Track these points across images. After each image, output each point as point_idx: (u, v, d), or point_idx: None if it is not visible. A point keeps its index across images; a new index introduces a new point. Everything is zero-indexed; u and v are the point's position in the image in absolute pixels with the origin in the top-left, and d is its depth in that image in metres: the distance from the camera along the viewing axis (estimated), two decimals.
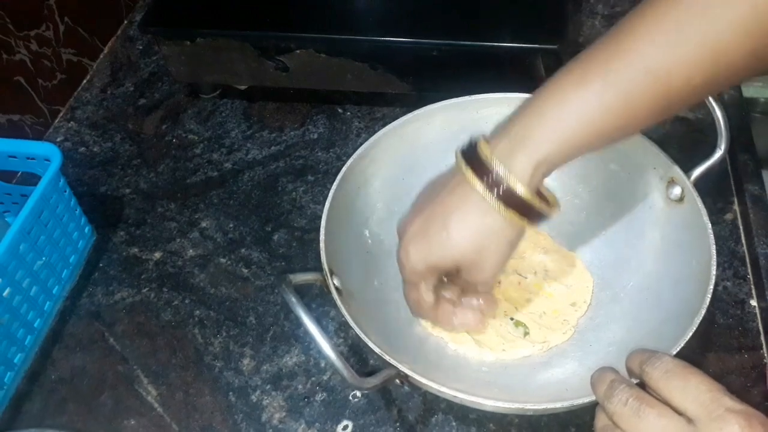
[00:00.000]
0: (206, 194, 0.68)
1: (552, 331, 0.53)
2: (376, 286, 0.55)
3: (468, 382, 0.50)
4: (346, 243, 0.54)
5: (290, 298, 0.42)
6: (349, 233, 0.55)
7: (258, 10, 0.69)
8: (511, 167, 0.42)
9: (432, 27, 0.66)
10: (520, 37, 0.63)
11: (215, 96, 0.78)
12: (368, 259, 0.56)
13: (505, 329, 0.54)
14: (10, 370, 0.55)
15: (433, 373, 0.44)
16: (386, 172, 0.58)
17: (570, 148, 0.42)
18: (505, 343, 0.53)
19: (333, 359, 0.41)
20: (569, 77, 0.42)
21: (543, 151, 0.41)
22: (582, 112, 0.41)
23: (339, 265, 0.50)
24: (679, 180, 0.52)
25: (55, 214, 0.57)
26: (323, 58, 0.68)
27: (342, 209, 0.53)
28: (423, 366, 0.46)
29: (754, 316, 0.55)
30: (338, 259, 0.51)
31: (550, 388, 0.49)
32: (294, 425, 0.52)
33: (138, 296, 0.61)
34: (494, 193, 0.42)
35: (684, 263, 0.49)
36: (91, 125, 0.77)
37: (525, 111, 0.43)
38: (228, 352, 0.57)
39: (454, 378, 0.49)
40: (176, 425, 0.53)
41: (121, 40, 0.87)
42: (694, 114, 0.69)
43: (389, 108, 0.73)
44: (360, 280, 0.53)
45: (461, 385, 0.44)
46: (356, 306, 0.49)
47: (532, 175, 0.42)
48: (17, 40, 0.71)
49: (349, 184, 0.55)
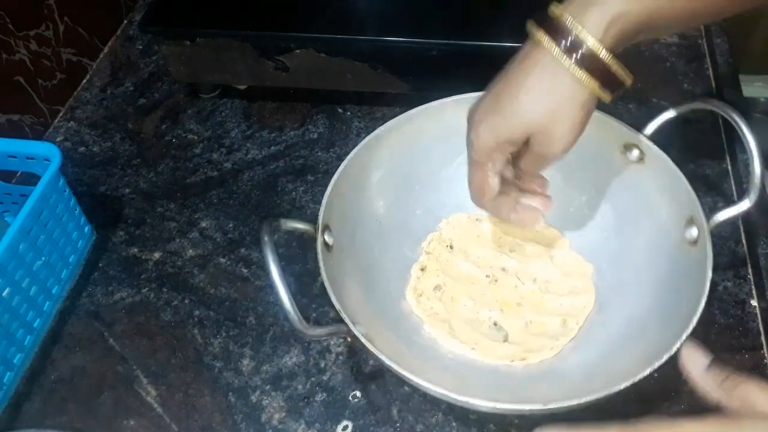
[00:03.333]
0: (206, 194, 0.68)
1: (533, 347, 0.52)
2: (376, 254, 0.56)
3: (427, 364, 0.50)
4: (357, 205, 0.54)
5: (264, 239, 0.44)
6: (362, 198, 0.56)
7: (258, 10, 0.69)
8: (583, 22, 0.40)
9: (432, 27, 0.66)
10: (520, 36, 0.63)
11: (215, 96, 0.78)
12: (377, 227, 0.57)
13: (485, 327, 0.54)
14: (9, 370, 0.55)
15: (392, 346, 0.45)
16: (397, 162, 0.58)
17: (647, 9, 0.40)
18: (477, 342, 0.53)
19: (285, 302, 0.42)
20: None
21: (617, 7, 0.40)
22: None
23: (338, 224, 0.51)
24: (698, 222, 0.49)
25: (54, 214, 0.57)
26: (323, 58, 0.68)
27: (357, 172, 0.54)
28: (387, 337, 0.46)
29: (754, 316, 0.55)
30: (340, 217, 0.51)
31: (507, 391, 0.49)
32: (294, 425, 0.52)
33: (137, 296, 0.61)
34: (563, 48, 0.41)
35: (675, 305, 0.48)
36: (90, 125, 0.77)
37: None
38: (228, 352, 0.57)
39: (415, 357, 0.49)
40: (176, 425, 0.52)
41: (121, 39, 0.87)
42: (694, 114, 0.69)
43: (389, 108, 0.73)
44: (360, 244, 0.54)
45: (417, 364, 0.44)
46: (345, 266, 0.50)
47: (606, 30, 0.40)
48: (17, 40, 0.71)
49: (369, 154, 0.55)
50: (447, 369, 0.51)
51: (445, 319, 0.55)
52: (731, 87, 0.70)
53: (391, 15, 0.68)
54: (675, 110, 0.53)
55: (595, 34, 0.40)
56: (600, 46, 0.40)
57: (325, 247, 0.49)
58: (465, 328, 0.54)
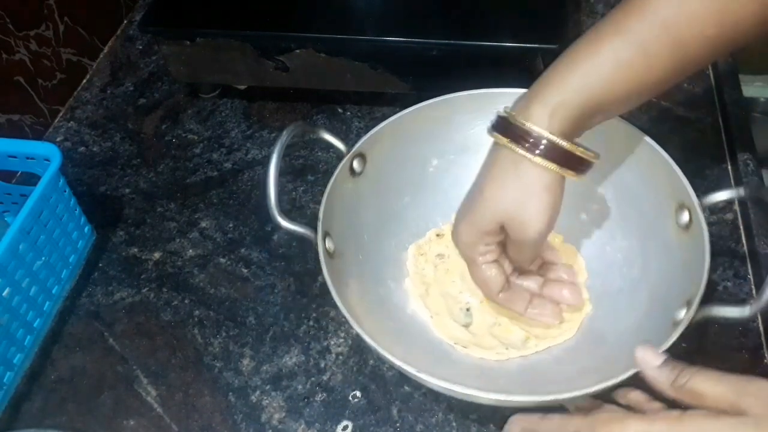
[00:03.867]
0: (206, 194, 0.68)
1: (483, 345, 0.52)
2: (387, 248, 0.57)
3: (424, 356, 0.50)
4: (357, 205, 0.55)
5: (283, 135, 0.49)
6: (363, 197, 0.56)
7: (258, 10, 0.69)
8: (528, 116, 0.43)
9: (432, 27, 0.66)
10: (520, 36, 0.63)
11: (215, 96, 0.78)
12: (392, 219, 0.58)
13: (455, 307, 0.55)
14: (9, 370, 0.55)
15: (390, 339, 0.46)
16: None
17: (585, 100, 0.43)
18: (438, 313, 0.54)
19: (270, 188, 0.47)
20: (584, 40, 0.44)
21: (556, 98, 0.43)
22: (595, 65, 0.42)
23: (338, 228, 0.52)
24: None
25: (54, 214, 0.57)
26: (323, 58, 0.68)
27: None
28: (382, 328, 0.47)
29: (754, 316, 0.55)
30: (339, 222, 0.53)
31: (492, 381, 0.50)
32: (294, 425, 0.52)
33: (137, 296, 0.61)
34: (518, 142, 0.43)
35: (669, 300, 0.48)
36: (90, 125, 0.77)
37: (541, 77, 0.45)
38: (228, 352, 0.57)
39: (411, 349, 0.49)
40: (176, 425, 0.52)
41: (120, 39, 0.87)
42: (694, 114, 0.69)
43: (389, 108, 0.73)
44: (360, 244, 0.55)
45: (408, 353, 0.44)
46: (346, 268, 0.52)
47: (550, 119, 0.43)
48: (17, 40, 0.71)
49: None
50: (439, 357, 0.52)
51: (427, 282, 0.56)
52: (731, 87, 0.70)
53: (391, 15, 0.68)
54: None
55: (541, 124, 0.43)
56: (547, 132, 0.43)
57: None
58: (438, 298, 0.55)
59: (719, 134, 0.68)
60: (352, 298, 0.49)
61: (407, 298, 0.56)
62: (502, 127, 0.45)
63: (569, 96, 0.43)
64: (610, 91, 0.43)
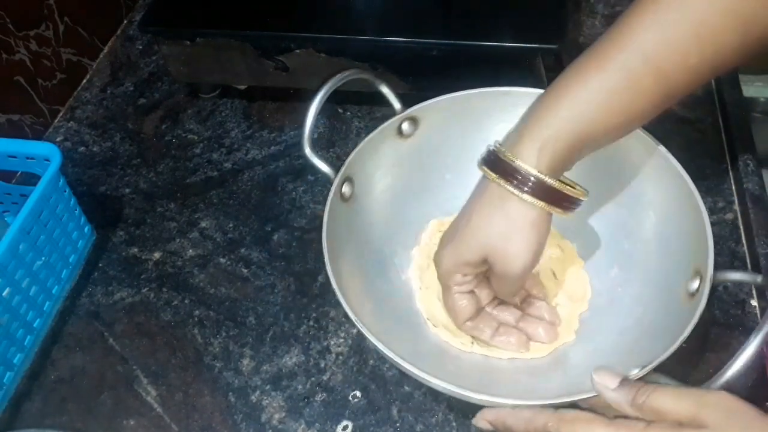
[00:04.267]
0: (206, 194, 0.68)
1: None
2: (409, 214, 0.58)
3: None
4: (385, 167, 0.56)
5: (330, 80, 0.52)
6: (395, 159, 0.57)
7: (258, 10, 0.69)
8: (517, 153, 0.44)
9: (432, 27, 0.66)
10: (520, 36, 0.63)
11: (215, 96, 0.78)
12: (425, 190, 0.58)
13: None
14: (9, 370, 0.55)
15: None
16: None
17: (573, 133, 0.43)
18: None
19: (308, 121, 0.50)
20: (569, 73, 0.44)
21: (544, 134, 0.43)
22: (582, 97, 0.43)
23: (362, 180, 0.54)
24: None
25: (54, 214, 0.57)
26: (323, 58, 0.68)
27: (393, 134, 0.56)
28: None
29: (754, 316, 0.55)
30: (365, 174, 0.54)
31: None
32: (294, 425, 0.52)
33: (137, 296, 0.61)
34: (504, 176, 0.44)
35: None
36: (90, 125, 0.77)
37: (529, 110, 0.45)
38: (228, 352, 0.57)
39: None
40: (176, 425, 0.53)
41: (120, 39, 0.87)
42: (694, 114, 0.69)
43: (389, 108, 0.73)
44: (394, 202, 0.57)
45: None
46: (355, 221, 0.53)
47: (539, 156, 0.43)
48: (17, 40, 0.71)
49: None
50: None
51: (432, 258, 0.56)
52: (731, 87, 0.70)
53: (391, 15, 0.68)
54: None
55: (530, 162, 0.43)
56: (535, 170, 0.43)
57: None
58: (434, 275, 0.54)
59: (719, 134, 0.68)
60: (346, 262, 0.50)
61: (408, 266, 0.57)
62: (492, 162, 0.45)
63: (557, 131, 0.43)
64: (598, 121, 0.43)
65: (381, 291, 0.54)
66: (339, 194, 0.52)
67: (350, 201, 0.53)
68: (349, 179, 0.53)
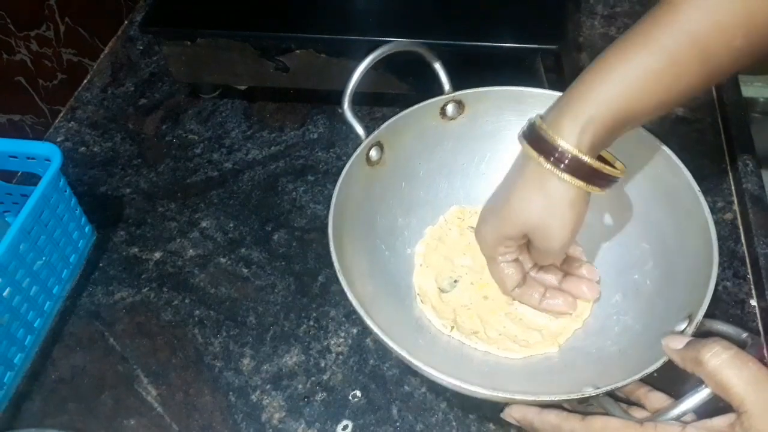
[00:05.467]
0: (206, 194, 0.68)
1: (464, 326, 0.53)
2: (435, 192, 0.59)
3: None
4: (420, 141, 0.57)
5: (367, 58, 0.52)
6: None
7: (258, 10, 0.69)
8: (558, 131, 0.44)
9: (432, 27, 0.66)
10: (520, 37, 0.63)
11: (215, 96, 0.78)
12: (458, 174, 0.59)
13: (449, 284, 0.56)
14: (10, 370, 0.55)
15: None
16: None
17: (614, 112, 0.43)
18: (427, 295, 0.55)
19: (351, 82, 0.52)
20: (613, 50, 0.44)
21: (587, 112, 0.43)
22: (625, 76, 0.42)
23: (393, 148, 0.55)
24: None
25: (55, 214, 0.57)
26: (323, 58, 0.68)
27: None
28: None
29: (754, 316, 0.55)
30: (398, 143, 0.55)
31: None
32: (294, 425, 0.52)
33: (138, 296, 0.61)
34: (545, 154, 0.44)
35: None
36: (91, 125, 0.77)
37: (571, 87, 0.45)
38: (228, 352, 0.57)
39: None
40: (176, 425, 0.53)
41: (121, 40, 0.87)
42: (694, 114, 0.70)
43: (389, 108, 0.73)
44: (424, 177, 0.58)
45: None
46: (382, 181, 0.55)
47: (580, 136, 0.43)
48: (17, 40, 0.71)
49: None
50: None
51: (443, 240, 0.58)
52: (731, 87, 0.70)
53: (392, 15, 0.68)
54: None
55: (570, 140, 0.43)
56: (576, 150, 0.43)
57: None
58: (439, 256, 0.57)
59: (719, 134, 0.68)
60: (353, 223, 0.52)
61: (416, 242, 0.58)
62: (533, 138, 0.45)
63: (600, 109, 0.43)
64: (640, 101, 0.43)
65: (381, 257, 0.55)
66: (366, 156, 0.54)
67: (376, 166, 0.55)
68: (379, 145, 0.54)
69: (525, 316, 0.54)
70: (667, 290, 0.50)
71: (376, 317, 0.44)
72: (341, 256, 0.47)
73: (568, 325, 0.53)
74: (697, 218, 0.49)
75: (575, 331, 0.53)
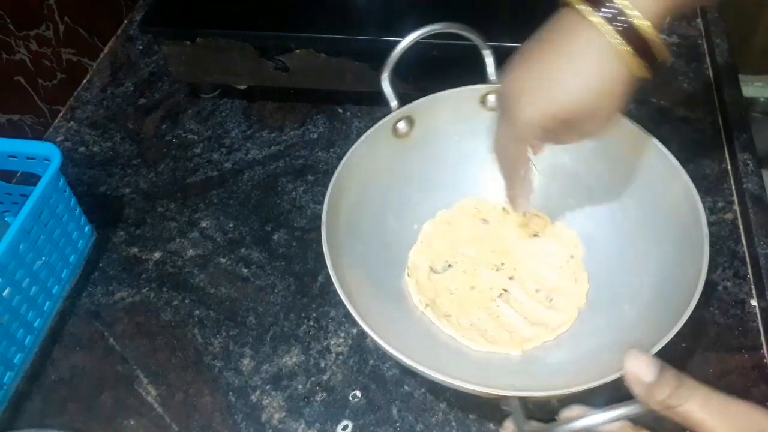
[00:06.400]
0: (206, 194, 0.68)
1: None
2: (453, 178, 0.59)
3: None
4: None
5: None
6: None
7: (258, 10, 0.69)
8: (643, 12, 0.38)
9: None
10: (520, 36, 0.63)
11: (215, 96, 0.78)
12: (479, 164, 0.59)
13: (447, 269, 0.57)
14: (9, 370, 0.55)
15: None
16: None
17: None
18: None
19: (393, 56, 0.54)
20: None
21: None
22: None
23: (422, 123, 0.56)
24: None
25: (54, 214, 0.57)
26: (323, 58, 0.68)
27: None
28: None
29: (754, 316, 0.55)
30: (429, 120, 0.57)
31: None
32: (294, 425, 0.52)
33: (138, 296, 0.61)
34: (614, 27, 0.39)
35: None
36: (91, 125, 0.77)
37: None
38: (228, 352, 0.57)
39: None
40: (176, 425, 0.53)
41: (121, 39, 0.87)
42: (694, 114, 0.70)
43: (389, 108, 0.73)
44: (455, 164, 0.58)
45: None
46: (409, 153, 0.56)
47: (657, 11, 0.39)
48: (17, 40, 0.71)
49: None
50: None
51: (450, 227, 0.59)
52: (731, 87, 0.70)
53: (391, 15, 0.68)
54: None
55: (647, 14, 0.38)
56: (649, 24, 0.38)
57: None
58: (442, 242, 0.58)
59: (719, 134, 0.68)
60: (362, 187, 0.53)
61: (425, 220, 0.59)
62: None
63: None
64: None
65: (386, 225, 0.56)
66: (393, 126, 0.55)
67: (403, 138, 0.56)
68: (409, 119, 0.56)
69: (502, 315, 0.54)
70: (646, 325, 0.48)
71: (357, 288, 0.45)
72: (334, 219, 0.48)
73: (541, 335, 0.52)
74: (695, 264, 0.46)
75: (545, 342, 0.52)
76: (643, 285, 0.51)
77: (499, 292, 0.55)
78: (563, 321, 0.53)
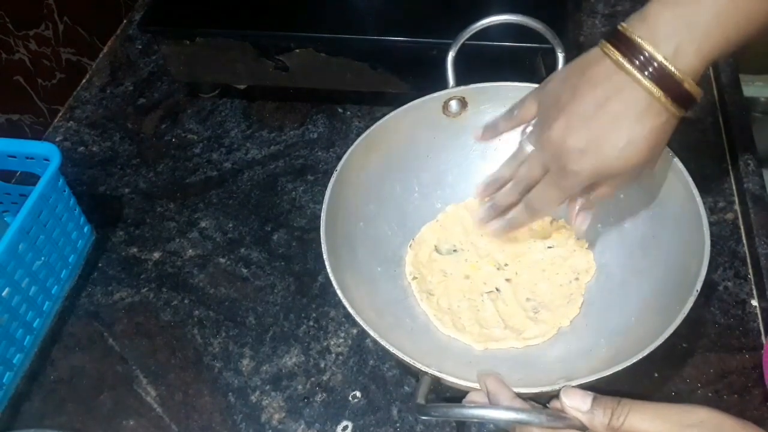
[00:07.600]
0: (206, 194, 0.68)
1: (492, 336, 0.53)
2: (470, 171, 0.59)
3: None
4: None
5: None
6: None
7: (258, 9, 0.69)
8: (675, 59, 0.39)
9: (432, 27, 0.65)
10: (520, 36, 0.63)
11: (215, 95, 0.78)
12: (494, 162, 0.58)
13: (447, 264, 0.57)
14: (9, 370, 0.54)
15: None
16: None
17: (734, 35, 0.39)
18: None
19: (460, 38, 0.56)
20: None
21: (710, 42, 0.39)
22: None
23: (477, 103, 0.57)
24: None
25: (54, 214, 0.57)
26: (323, 58, 0.68)
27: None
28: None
29: (754, 316, 0.55)
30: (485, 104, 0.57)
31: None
32: (293, 426, 0.52)
33: (137, 296, 0.61)
34: (662, 90, 0.40)
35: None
36: (90, 125, 0.77)
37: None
38: (227, 352, 0.56)
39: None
40: (175, 425, 0.52)
41: (120, 39, 0.87)
42: (695, 114, 0.69)
43: (389, 108, 0.72)
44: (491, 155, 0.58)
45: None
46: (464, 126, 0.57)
47: (697, 68, 0.39)
48: (16, 40, 0.71)
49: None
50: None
51: (460, 220, 0.58)
52: (731, 87, 0.70)
53: (392, 15, 0.68)
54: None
55: (689, 71, 0.39)
56: (694, 84, 0.40)
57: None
58: (453, 229, 0.58)
59: (720, 134, 0.68)
60: (397, 155, 0.56)
61: (448, 203, 0.59)
62: (632, 52, 0.40)
63: (720, 36, 0.38)
64: (746, 14, 0.38)
65: (410, 193, 0.58)
66: (445, 104, 0.56)
67: (454, 118, 0.57)
68: (462, 100, 0.57)
69: (483, 310, 0.54)
70: (642, 329, 0.47)
71: (356, 288, 0.46)
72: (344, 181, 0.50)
73: (509, 340, 0.51)
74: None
75: (511, 347, 0.51)
76: (639, 301, 0.50)
77: (491, 289, 0.55)
78: (537, 335, 0.52)
